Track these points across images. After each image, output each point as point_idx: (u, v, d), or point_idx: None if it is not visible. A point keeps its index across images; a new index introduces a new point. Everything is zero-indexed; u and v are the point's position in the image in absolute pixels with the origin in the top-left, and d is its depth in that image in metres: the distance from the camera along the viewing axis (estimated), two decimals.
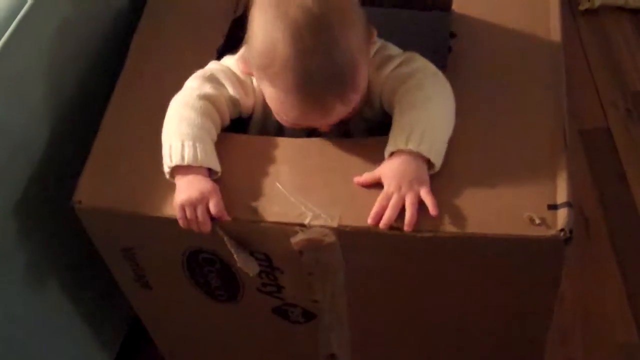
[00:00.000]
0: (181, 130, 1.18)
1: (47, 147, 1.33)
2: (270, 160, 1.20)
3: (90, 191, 1.21)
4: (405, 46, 1.30)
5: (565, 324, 1.69)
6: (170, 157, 1.17)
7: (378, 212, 1.11)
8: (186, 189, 1.15)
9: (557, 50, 1.27)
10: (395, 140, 1.15)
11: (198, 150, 1.16)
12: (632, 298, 1.73)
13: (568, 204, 1.08)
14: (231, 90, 1.25)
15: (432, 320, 1.28)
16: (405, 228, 1.10)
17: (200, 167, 1.16)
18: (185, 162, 1.15)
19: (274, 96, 1.15)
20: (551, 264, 1.11)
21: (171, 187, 1.18)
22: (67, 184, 1.22)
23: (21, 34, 1.22)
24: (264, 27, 1.12)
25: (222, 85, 1.25)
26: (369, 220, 1.11)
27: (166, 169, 1.17)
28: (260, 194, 1.16)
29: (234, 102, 1.25)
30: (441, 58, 1.29)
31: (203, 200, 1.14)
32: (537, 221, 1.06)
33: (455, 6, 1.34)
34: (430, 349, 1.36)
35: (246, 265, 1.18)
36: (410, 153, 1.13)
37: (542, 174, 1.12)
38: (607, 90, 2.15)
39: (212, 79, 1.25)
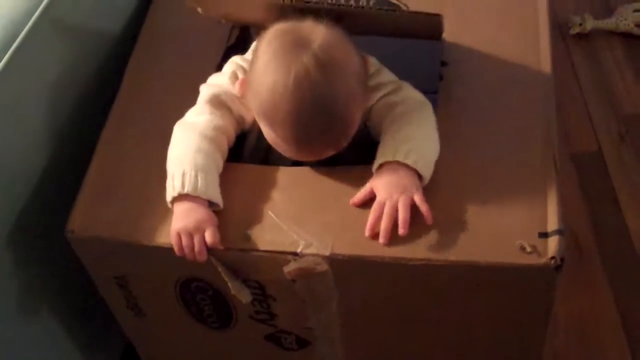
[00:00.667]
0: (189, 158, 1.18)
1: (43, 175, 1.32)
2: (263, 189, 1.20)
3: (83, 220, 1.21)
4: (396, 74, 1.30)
5: (558, 347, 1.68)
6: (173, 184, 1.17)
7: (373, 222, 1.13)
8: (183, 217, 1.16)
9: (547, 78, 1.28)
10: (383, 154, 1.17)
11: (199, 180, 1.16)
12: (626, 322, 1.72)
13: (559, 232, 1.08)
14: (235, 109, 1.26)
15: (425, 346, 1.28)
16: (400, 231, 1.11)
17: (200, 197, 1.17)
18: (185, 191, 1.16)
19: (270, 136, 1.19)
20: (542, 291, 1.11)
21: (164, 216, 1.19)
22: (62, 212, 1.23)
23: (16, 63, 1.22)
24: (267, 79, 1.13)
25: (229, 108, 1.25)
26: (366, 233, 1.12)
27: (168, 198, 1.18)
28: (253, 222, 1.16)
29: (239, 120, 1.27)
30: (432, 86, 1.30)
31: (199, 229, 1.14)
32: (528, 249, 1.07)
33: (446, 35, 1.34)
34: None
35: (239, 293, 1.18)
36: (398, 164, 1.15)
37: (533, 201, 1.13)
38: (599, 114, 2.15)
39: (220, 103, 1.25)
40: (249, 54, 1.29)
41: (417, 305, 1.19)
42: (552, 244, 1.07)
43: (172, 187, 1.17)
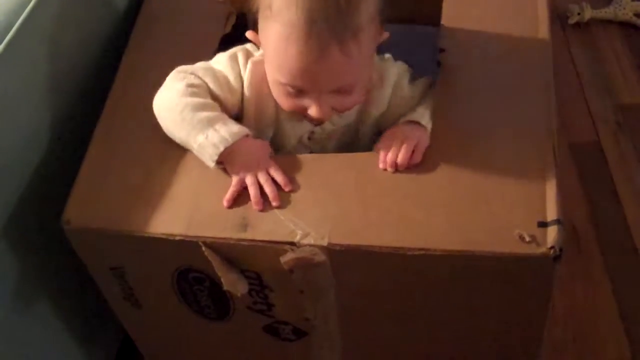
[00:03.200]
0: (193, 120, 1.20)
1: (38, 166, 1.32)
2: None
3: (79, 211, 1.20)
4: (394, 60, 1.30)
5: (557, 339, 1.68)
6: (209, 150, 1.19)
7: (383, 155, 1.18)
8: (239, 161, 1.20)
9: (546, 66, 1.27)
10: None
11: (222, 130, 1.19)
12: (624, 314, 1.72)
13: (558, 221, 1.07)
14: (211, 85, 1.26)
15: (423, 336, 1.28)
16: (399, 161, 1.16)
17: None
18: (220, 150, 1.18)
19: (276, 38, 1.15)
20: (541, 281, 1.11)
21: (161, 206, 1.18)
22: (57, 204, 1.22)
23: (9, 55, 1.22)
24: None
25: (202, 79, 1.26)
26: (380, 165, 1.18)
27: (211, 165, 1.20)
28: (250, 212, 1.16)
29: (214, 97, 1.26)
30: (430, 73, 1.30)
31: (260, 166, 1.19)
32: (527, 239, 1.06)
33: (445, 20, 1.33)
34: None
35: (234, 287, 1.17)
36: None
37: (532, 191, 1.12)
38: (597, 104, 2.16)
39: (192, 72, 1.26)
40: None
41: (415, 295, 1.19)
42: (551, 234, 1.07)
43: (209, 154, 1.19)
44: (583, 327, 1.71)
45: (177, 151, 1.24)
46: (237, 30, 1.38)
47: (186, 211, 1.18)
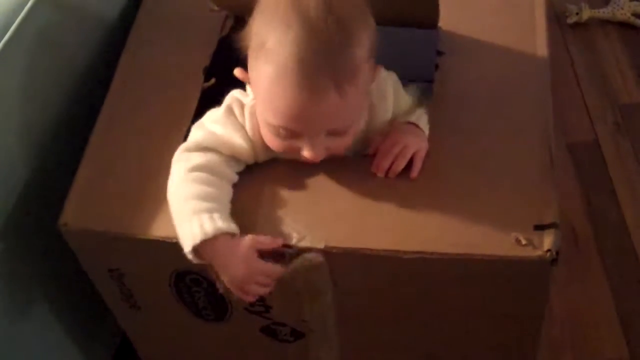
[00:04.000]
0: (186, 208, 1.14)
1: (34, 167, 1.32)
2: (256, 180, 1.20)
3: (77, 213, 1.21)
4: (392, 64, 1.29)
5: (554, 339, 1.69)
6: (190, 238, 1.12)
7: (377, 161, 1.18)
8: (228, 264, 1.14)
9: (543, 68, 1.27)
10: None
11: (194, 224, 1.12)
12: (622, 313, 1.73)
13: (554, 225, 1.08)
14: (224, 150, 1.20)
15: (420, 338, 1.28)
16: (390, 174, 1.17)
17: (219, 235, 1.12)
18: (199, 240, 1.11)
19: (267, 80, 1.09)
20: (537, 284, 1.11)
21: (158, 209, 1.18)
22: (54, 206, 1.22)
23: (8, 54, 1.22)
24: (264, 20, 1.10)
25: (211, 149, 1.20)
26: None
27: (189, 257, 1.13)
28: (246, 214, 1.16)
29: (233, 158, 1.21)
30: (428, 75, 1.30)
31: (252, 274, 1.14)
32: (524, 242, 1.07)
33: (442, 23, 1.33)
34: None
35: (229, 291, 1.17)
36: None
37: (529, 194, 1.12)
38: (596, 104, 2.15)
39: (197, 147, 1.20)
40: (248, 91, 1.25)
41: (412, 298, 1.19)
42: (548, 237, 1.07)
43: (188, 241, 1.12)
44: (581, 327, 1.71)
45: (174, 154, 1.24)
46: (235, 32, 1.37)
47: None
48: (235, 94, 1.25)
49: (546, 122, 1.20)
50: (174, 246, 1.15)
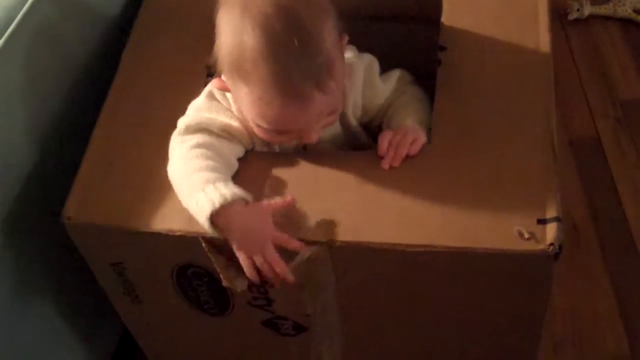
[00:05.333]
0: (197, 179, 1.13)
1: (36, 162, 1.32)
2: (261, 173, 1.20)
3: (80, 207, 1.21)
4: (394, 59, 1.30)
5: (556, 334, 1.69)
6: (208, 204, 1.10)
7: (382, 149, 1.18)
8: (238, 233, 1.12)
9: (546, 63, 1.27)
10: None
11: (211, 191, 1.11)
12: (623, 308, 1.73)
13: (557, 219, 1.08)
14: (215, 129, 1.21)
15: (423, 333, 1.28)
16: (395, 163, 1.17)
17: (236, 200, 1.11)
18: (219, 204, 1.10)
19: (250, 98, 1.12)
20: (540, 278, 1.11)
21: (160, 202, 1.18)
22: (56, 199, 1.22)
23: (9, 49, 1.22)
24: (231, 26, 1.10)
25: (204, 129, 1.21)
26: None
27: (206, 225, 1.11)
28: None
29: (227, 136, 1.22)
30: (430, 71, 1.30)
31: (262, 246, 1.12)
32: (526, 235, 1.06)
33: (444, 19, 1.34)
34: None
35: (233, 283, 1.17)
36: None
37: (532, 187, 1.12)
38: (597, 100, 2.15)
39: (190, 130, 1.21)
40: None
41: (415, 292, 1.19)
42: (551, 231, 1.07)
43: (202, 212, 1.11)
44: (582, 323, 1.71)
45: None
46: None
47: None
48: (214, 81, 1.25)
49: (549, 116, 1.20)
50: (177, 240, 1.16)
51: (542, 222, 1.08)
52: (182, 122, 1.22)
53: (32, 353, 1.38)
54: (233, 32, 1.10)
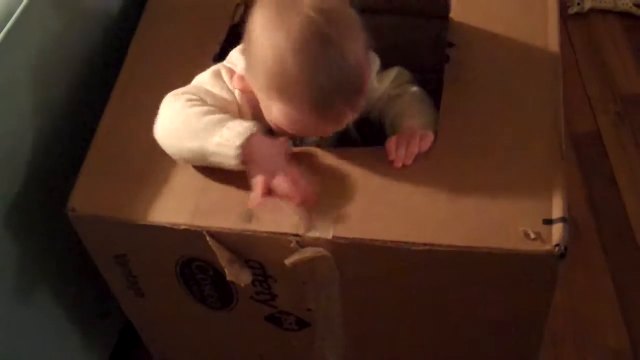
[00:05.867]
0: (210, 122, 1.15)
1: (40, 154, 1.32)
2: None
3: (84, 199, 1.21)
4: (403, 55, 1.30)
5: (556, 329, 1.69)
6: (236, 137, 1.13)
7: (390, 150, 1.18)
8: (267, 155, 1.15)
9: (555, 60, 1.28)
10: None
11: (236, 125, 1.15)
12: (623, 303, 1.73)
13: (563, 219, 1.08)
14: (208, 100, 1.22)
15: (426, 330, 1.28)
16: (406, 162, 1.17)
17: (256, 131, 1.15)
18: (249, 133, 1.13)
19: (283, 112, 1.14)
20: (545, 278, 1.11)
21: (165, 195, 1.19)
22: (60, 191, 1.22)
23: (11, 40, 1.22)
24: (270, 46, 1.10)
25: (201, 99, 1.21)
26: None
27: (234, 155, 1.14)
28: None
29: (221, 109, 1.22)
30: (439, 67, 1.30)
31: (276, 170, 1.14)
32: (532, 236, 1.07)
33: (453, 14, 1.33)
34: (423, 358, 1.36)
35: (237, 277, 1.18)
36: None
37: (539, 187, 1.12)
38: (597, 94, 2.16)
39: (186, 92, 1.22)
40: (234, 58, 1.28)
41: (418, 290, 1.19)
42: (557, 232, 1.07)
43: (231, 142, 1.13)
44: (583, 318, 1.72)
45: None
46: (246, 20, 1.37)
47: (191, 200, 1.18)
48: (225, 63, 1.28)
49: (556, 115, 1.21)
50: (181, 233, 1.16)
51: (548, 222, 1.08)
52: (180, 89, 1.23)
53: (34, 346, 1.38)
54: (273, 51, 1.10)
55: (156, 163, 1.22)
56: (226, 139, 1.13)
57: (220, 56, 1.35)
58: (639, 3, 2.33)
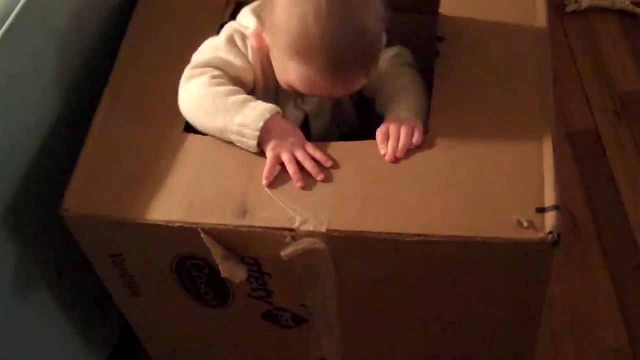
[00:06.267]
0: (234, 102, 1.21)
1: (36, 154, 1.32)
2: (259, 164, 1.19)
3: (79, 199, 1.21)
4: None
5: (554, 327, 1.69)
6: (250, 127, 1.19)
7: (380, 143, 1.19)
8: (277, 139, 1.20)
9: (544, 53, 1.27)
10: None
11: (258, 107, 1.21)
12: (622, 300, 1.73)
13: (556, 207, 1.08)
14: (230, 72, 1.27)
15: (422, 323, 1.28)
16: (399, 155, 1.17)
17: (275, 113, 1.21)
18: (270, 113, 1.19)
19: (300, 74, 1.19)
20: (539, 267, 1.11)
21: (160, 194, 1.19)
22: (55, 191, 1.22)
23: (8, 41, 1.22)
24: (292, 11, 1.16)
25: (221, 69, 1.26)
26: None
27: (256, 134, 1.19)
28: (249, 198, 1.16)
29: (235, 81, 1.28)
30: (428, 62, 1.30)
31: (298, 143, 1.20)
32: (525, 224, 1.06)
33: (443, 9, 1.34)
34: (420, 352, 1.36)
35: (232, 274, 1.18)
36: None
37: (531, 177, 1.12)
38: (595, 92, 2.15)
39: (207, 65, 1.27)
40: (244, 18, 1.32)
41: (413, 282, 1.19)
42: (550, 220, 1.07)
43: (254, 121, 1.19)
44: (581, 314, 1.72)
45: (176, 138, 1.25)
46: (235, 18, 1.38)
47: (185, 198, 1.18)
48: (234, 25, 1.32)
49: (547, 106, 1.20)
50: (176, 231, 1.16)
51: (541, 210, 1.08)
52: (197, 59, 1.29)
53: (30, 344, 1.38)
54: (295, 19, 1.15)
55: (149, 162, 1.22)
56: (250, 118, 1.19)
57: None
58: (636, 1, 2.33)
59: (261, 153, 1.21)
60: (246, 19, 1.31)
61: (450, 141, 1.18)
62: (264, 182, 1.17)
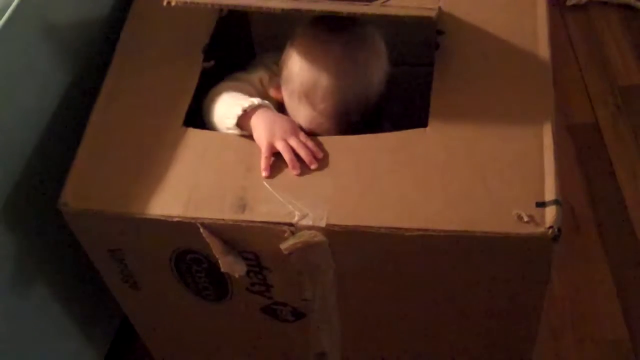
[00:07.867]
0: (231, 97, 1.29)
1: (33, 149, 1.32)
2: (258, 159, 1.19)
3: (77, 193, 1.20)
4: (392, 43, 1.29)
5: (555, 321, 1.69)
6: (235, 107, 1.24)
7: None
8: (267, 127, 1.22)
9: (544, 47, 1.27)
10: None
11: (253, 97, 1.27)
12: (622, 294, 1.73)
13: (556, 202, 1.07)
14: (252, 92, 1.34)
15: (421, 318, 1.28)
16: None
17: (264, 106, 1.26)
18: (247, 104, 1.24)
19: (307, 116, 1.27)
20: (539, 261, 1.11)
21: (158, 188, 1.18)
22: (53, 186, 1.22)
23: (5, 35, 1.22)
24: (306, 62, 1.25)
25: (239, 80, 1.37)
26: None
27: (233, 120, 1.23)
28: (248, 193, 1.16)
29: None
30: (428, 55, 1.29)
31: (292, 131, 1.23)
32: (526, 219, 1.06)
33: (442, 4, 1.33)
34: (420, 347, 1.36)
35: (231, 268, 1.17)
36: None
37: (531, 171, 1.12)
38: (596, 86, 2.15)
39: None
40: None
41: (413, 276, 1.19)
42: (550, 214, 1.07)
43: (234, 113, 1.23)
44: (581, 308, 1.72)
45: (175, 132, 1.24)
46: (233, 14, 1.38)
47: (184, 192, 1.18)
48: (265, 60, 1.45)
49: (547, 99, 1.20)
50: (175, 225, 1.16)
51: (541, 205, 1.07)
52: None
53: (28, 338, 1.38)
54: (311, 66, 1.25)
55: (148, 156, 1.22)
56: (238, 102, 1.25)
57: (210, 49, 1.35)
58: None
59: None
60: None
61: (450, 135, 1.18)
62: (263, 174, 1.17)
